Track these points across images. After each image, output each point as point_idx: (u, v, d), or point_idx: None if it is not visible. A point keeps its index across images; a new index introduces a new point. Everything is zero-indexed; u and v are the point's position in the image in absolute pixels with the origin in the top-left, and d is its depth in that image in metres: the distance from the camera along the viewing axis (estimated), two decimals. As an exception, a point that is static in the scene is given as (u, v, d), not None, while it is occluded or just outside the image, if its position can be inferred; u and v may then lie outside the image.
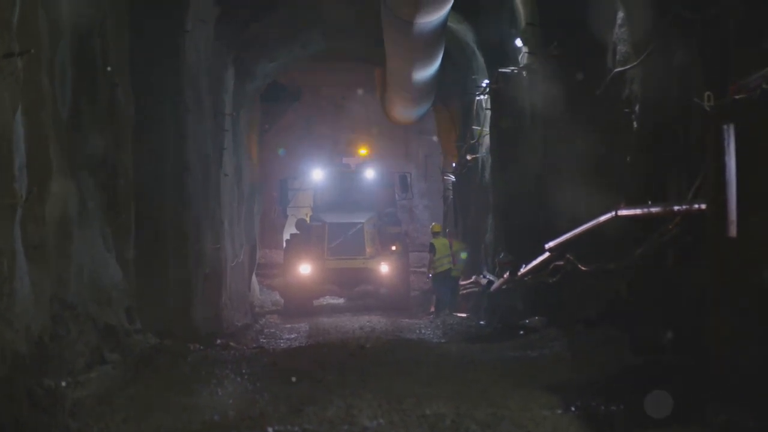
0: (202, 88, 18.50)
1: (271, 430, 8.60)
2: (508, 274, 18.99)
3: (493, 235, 22.17)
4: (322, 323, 23.45)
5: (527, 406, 9.21)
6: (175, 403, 9.79)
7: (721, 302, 8.73)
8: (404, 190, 31.54)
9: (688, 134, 10.38)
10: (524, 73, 18.25)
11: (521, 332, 15.98)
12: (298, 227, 29.83)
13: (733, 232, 8.35)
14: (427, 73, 23.00)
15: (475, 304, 24.11)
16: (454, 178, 29.90)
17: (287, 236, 30.66)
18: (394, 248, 27.08)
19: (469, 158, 25.48)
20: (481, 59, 22.89)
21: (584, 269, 14.28)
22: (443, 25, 19.16)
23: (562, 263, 15.34)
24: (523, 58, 18.39)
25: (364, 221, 28.18)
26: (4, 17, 8.89)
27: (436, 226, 26.24)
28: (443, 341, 17.81)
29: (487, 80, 22.04)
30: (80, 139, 11.82)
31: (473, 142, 24.77)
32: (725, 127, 8.41)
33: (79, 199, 11.60)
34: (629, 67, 12.65)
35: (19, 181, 9.20)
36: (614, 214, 12.36)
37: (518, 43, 18.64)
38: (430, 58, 21.69)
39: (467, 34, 23.00)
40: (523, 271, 17.82)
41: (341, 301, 31.19)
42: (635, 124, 12.42)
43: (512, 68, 18.86)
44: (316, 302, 29.12)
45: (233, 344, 16.72)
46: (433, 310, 25.53)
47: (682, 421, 8.12)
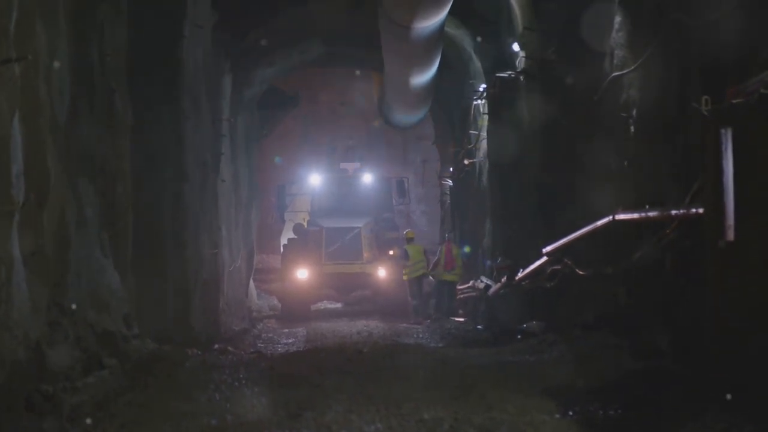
0: (199, 93, 18.48)
1: (269, 435, 8.62)
2: (505, 278, 18.99)
3: (490, 239, 22.17)
4: (319, 328, 23.48)
5: (525, 410, 9.20)
6: (173, 408, 9.77)
7: (719, 307, 8.73)
8: (401, 195, 31.56)
9: (685, 138, 10.38)
10: (522, 77, 18.26)
11: (519, 337, 15.98)
12: (295, 232, 29.86)
13: (730, 236, 8.36)
14: (424, 78, 23.01)
15: (472, 308, 24.12)
16: (451, 182, 29.92)
17: (285, 241, 30.67)
18: (391, 253, 27.09)
19: (466, 163, 25.49)
20: (478, 64, 22.91)
21: (582, 273, 14.28)
22: (440, 30, 19.17)
23: (559, 268, 15.34)
24: (520, 62, 18.41)
25: (361, 226, 28.22)
26: (1, 23, 8.88)
27: (409, 232, 26.78)
28: (441, 346, 17.82)
29: (484, 85, 22.05)
30: (78, 145, 11.80)
31: (471, 146, 24.79)
32: (723, 131, 8.41)
33: (77, 205, 11.58)
34: (626, 71, 12.65)
35: (16, 187, 9.19)
36: (612, 218, 12.37)
37: (515, 47, 18.65)
38: (427, 63, 21.70)
39: (464, 39, 23.02)
40: (520, 275, 17.82)
41: (339, 305, 31.23)
42: (632, 128, 12.43)
43: (509, 73, 18.87)
44: (313, 307, 29.15)
45: (231, 349, 16.71)
46: (431, 314, 25.54)
47: (681, 426, 8.11)
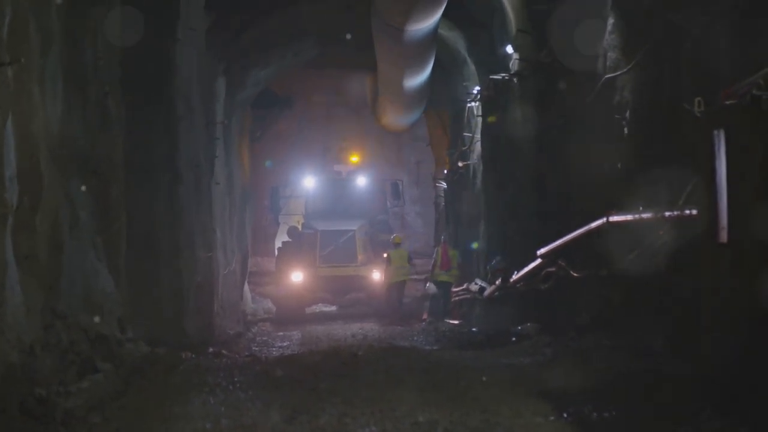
0: (193, 95, 18.46)
1: (263, 438, 8.61)
2: (500, 280, 18.99)
3: (485, 241, 22.17)
4: (314, 331, 23.46)
5: (520, 412, 9.19)
6: (167, 412, 9.75)
7: (713, 308, 8.74)
8: (396, 197, 31.55)
9: (679, 140, 10.39)
10: (515, 79, 18.27)
11: (514, 339, 15.96)
12: (290, 235, 29.84)
13: (724, 237, 8.37)
14: (418, 80, 23.02)
15: (467, 310, 24.11)
16: (446, 185, 29.89)
17: (279, 244, 30.65)
18: (385, 255, 27.07)
19: (460, 165, 25.49)
20: (472, 66, 22.92)
21: (576, 275, 14.28)
22: (434, 32, 19.18)
23: (554, 270, 15.34)
24: (514, 64, 18.41)
25: (356, 229, 28.21)
26: (-6, 26, 8.89)
27: (396, 237, 26.69)
28: (436, 348, 17.79)
29: (478, 87, 22.06)
30: (71, 148, 11.79)
31: (465, 148, 24.78)
32: (716, 132, 8.43)
33: (70, 208, 11.57)
34: (620, 73, 12.66)
35: (9, 191, 9.19)
36: (606, 220, 12.37)
37: (509, 50, 18.65)
38: (421, 65, 21.71)
39: (458, 41, 23.03)
40: (515, 277, 17.82)
41: (333, 308, 31.18)
42: (626, 130, 12.43)
43: (503, 75, 18.87)
44: (308, 310, 29.12)
45: (225, 352, 16.68)
46: (425, 317, 25.53)
47: (676, 427, 8.11)
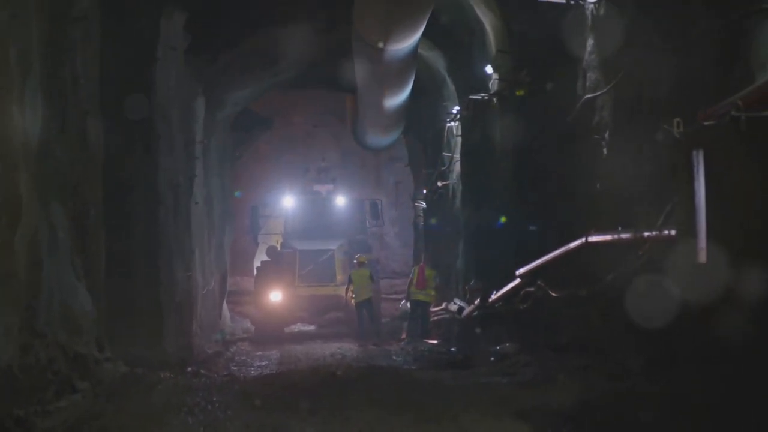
0: (172, 115, 18.45)
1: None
2: (479, 300, 18.99)
3: (464, 261, 22.18)
4: (293, 350, 23.37)
5: (499, 433, 9.20)
6: (146, 432, 9.73)
7: (692, 329, 8.76)
8: (375, 217, 31.51)
9: (658, 160, 10.42)
10: (495, 99, 18.31)
11: (492, 359, 15.97)
12: (269, 254, 29.77)
13: (702, 258, 8.40)
14: (398, 100, 23.04)
15: (446, 330, 24.09)
16: (425, 204, 29.92)
17: (258, 263, 30.56)
18: (349, 276, 26.98)
19: (440, 185, 25.51)
20: (451, 86, 22.96)
21: (555, 295, 14.30)
22: (414, 52, 19.21)
23: (533, 290, 15.35)
24: (493, 84, 18.46)
25: (335, 248, 28.18)
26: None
27: (361, 257, 26.31)
28: (414, 368, 17.78)
29: (457, 107, 22.10)
30: (51, 169, 11.75)
31: (444, 168, 24.82)
32: (695, 153, 8.47)
33: (49, 228, 11.52)
34: (599, 93, 12.71)
35: (-12, 210, 9.17)
36: (585, 240, 12.39)
37: (489, 69, 18.71)
38: (400, 85, 21.73)
39: (438, 60, 23.08)
40: (494, 297, 17.83)
41: (312, 327, 31.08)
42: (605, 150, 12.48)
43: (483, 95, 18.91)
44: (287, 329, 29.03)
45: (204, 372, 16.63)
46: (404, 337, 25.48)
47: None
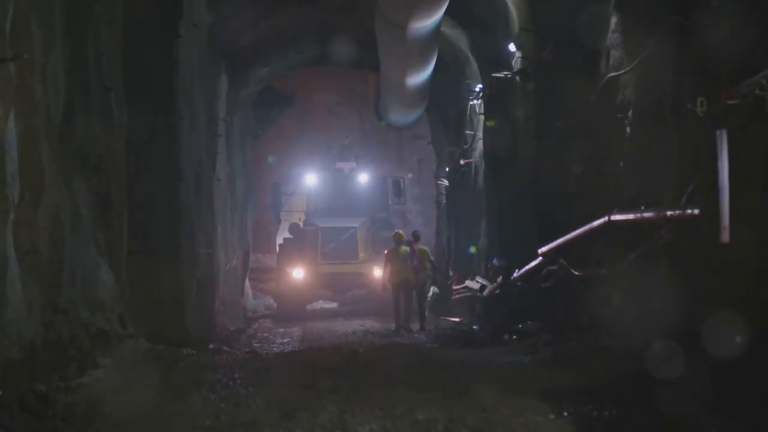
0: (195, 92, 18.45)
1: (263, 435, 8.61)
2: (501, 278, 18.98)
3: (486, 239, 22.16)
4: (315, 327, 23.44)
5: (520, 411, 9.18)
6: (167, 408, 9.77)
7: (714, 309, 8.72)
8: (397, 194, 31.51)
9: (681, 140, 10.38)
10: (518, 78, 18.26)
11: (514, 337, 15.97)
12: (291, 232, 29.83)
13: (725, 237, 8.36)
14: (420, 78, 22.98)
15: (468, 308, 24.10)
16: (447, 182, 29.87)
17: (280, 241, 30.65)
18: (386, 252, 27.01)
19: (462, 163, 25.46)
20: (474, 64, 22.88)
21: (577, 274, 14.28)
22: (436, 30, 19.15)
23: (555, 268, 15.34)
24: (516, 62, 18.39)
25: (357, 226, 28.22)
26: (-4, 23, 8.88)
27: (399, 233, 23.86)
28: (436, 346, 17.80)
29: (480, 85, 22.04)
30: (73, 145, 11.78)
31: (466, 146, 24.77)
32: (718, 132, 8.42)
33: (72, 205, 11.56)
34: (622, 72, 12.65)
35: (11, 187, 9.19)
36: (607, 219, 12.37)
37: (512, 48, 18.64)
38: (423, 63, 21.68)
39: (461, 39, 23.00)
40: (516, 275, 17.82)
41: (334, 305, 31.17)
42: (628, 129, 12.42)
43: (506, 73, 18.85)
44: (309, 306, 29.13)
45: (226, 349, 16.69)
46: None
47: (676, 429, 8.09)
